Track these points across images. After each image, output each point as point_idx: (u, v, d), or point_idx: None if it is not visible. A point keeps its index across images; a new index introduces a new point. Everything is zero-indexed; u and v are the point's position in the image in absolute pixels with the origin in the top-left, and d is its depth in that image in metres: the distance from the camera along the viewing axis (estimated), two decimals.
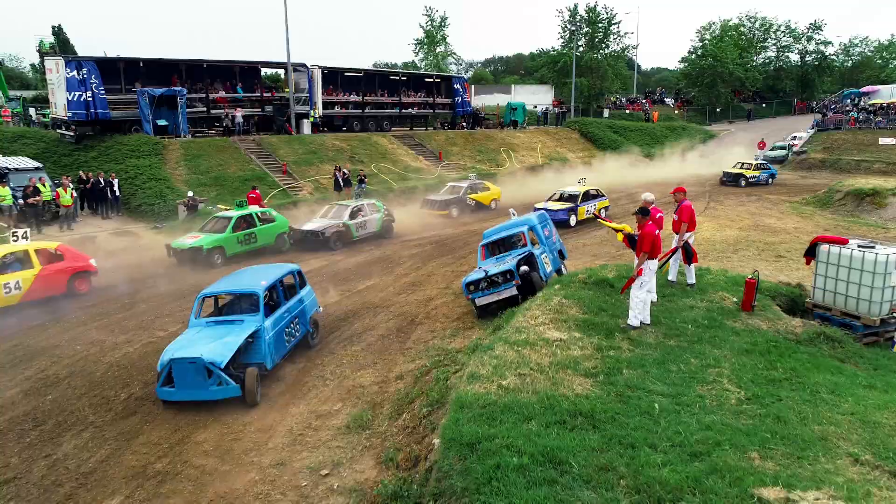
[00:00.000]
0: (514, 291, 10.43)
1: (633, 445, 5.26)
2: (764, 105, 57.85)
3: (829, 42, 58.62)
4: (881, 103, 43.03)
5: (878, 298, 8.63)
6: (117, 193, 21.47)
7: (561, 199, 21.07)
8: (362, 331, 10.74)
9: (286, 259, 15.83)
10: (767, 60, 61.69)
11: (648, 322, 8.42)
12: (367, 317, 11.51)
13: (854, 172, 31.76)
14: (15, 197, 18.80)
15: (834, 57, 60.20)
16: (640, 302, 8.31)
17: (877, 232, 18.05)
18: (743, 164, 30.38)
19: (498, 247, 12.42)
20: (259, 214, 17.16)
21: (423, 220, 21.44)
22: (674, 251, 10.05)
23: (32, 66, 62.25)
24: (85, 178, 21.11)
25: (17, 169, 20.28)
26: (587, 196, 21.18)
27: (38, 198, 18.62)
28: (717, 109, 54.96)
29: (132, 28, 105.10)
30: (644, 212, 8.79)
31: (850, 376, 7.10)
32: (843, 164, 34.79)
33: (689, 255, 10.06)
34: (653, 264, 8.59)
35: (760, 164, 30.48)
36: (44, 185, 19.05)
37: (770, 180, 30.39)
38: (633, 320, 8.31)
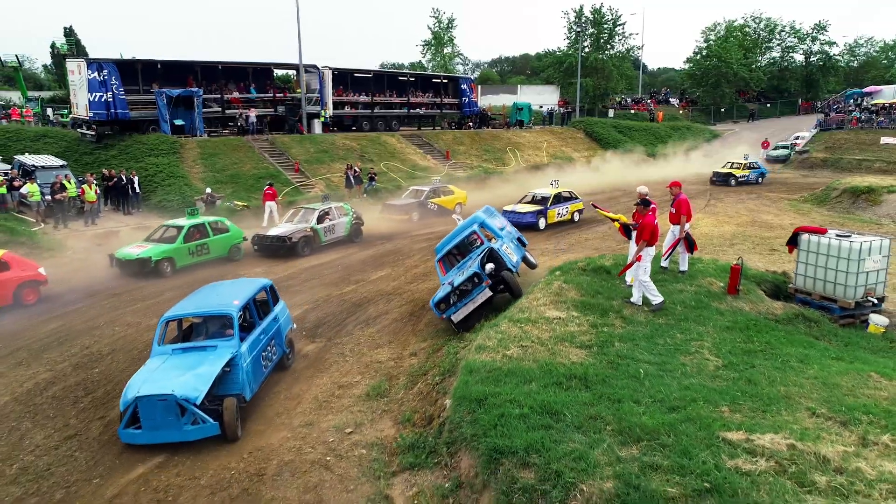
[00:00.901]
0: (488, 293, 9.83)
1: (620, 401, 6.05)
2: (768, 105, 58.33)
3: (834, 42, 59.23)
4: (884, 103, 43.51)
5: (854, 283, 9.38)
6: (138, 190, 22.44)
7: (532, 201, 20.20)
8: (377, 315, 11.57)
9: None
10: (772, 61, 62.15)
11: (641, 303, 9.19)
12: (381, 303, 12.33)
13: (855, 171, 32.27)
14: (43, 193, 19.78)
15: (839, 57, 60.65)
16: (645, 283, 9.07)
17: (870, 227, 18.68)
18: (733, 163, 30.85)
19: (455, 256, 12.04)
20: (212, 224, 16.18)
21: (425, 220, 21.64)
22: (676, 243, 10.61)
23: (45, 66, 63.56)
24: (108, 175, 22.09)
25: (43, 167, 21.30)
26: (559, 198, 20.17)
27: (63, 194, 19.54)
28: (722, 109, 55.53)
29: (133, 29, 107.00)
30: (645, 203, 9.62)
31: (820, 350, 7.87)
32: (845, 163, 35.34)
33: (690, 245, 10.80)
34: (651, 251, 9.35)
35: (750, 163, 30.94)
36: (69, 182, 19.97)
37: (760, 179, 30.93)
38: (655, 298, 9.02)
